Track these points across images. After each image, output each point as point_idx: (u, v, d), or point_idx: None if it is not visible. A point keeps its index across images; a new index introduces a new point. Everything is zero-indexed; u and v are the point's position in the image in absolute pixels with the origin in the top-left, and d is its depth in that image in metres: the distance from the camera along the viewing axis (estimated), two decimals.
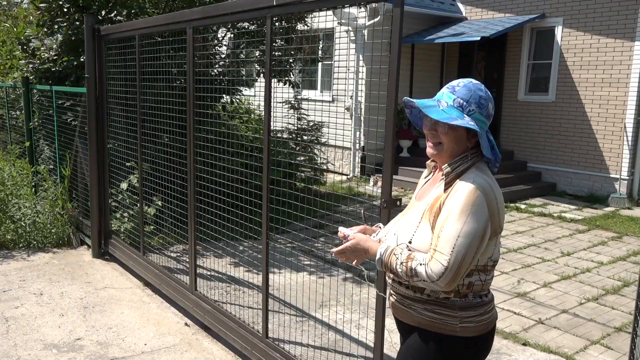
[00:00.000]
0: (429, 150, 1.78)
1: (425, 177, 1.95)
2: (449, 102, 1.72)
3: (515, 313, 4.52)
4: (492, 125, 8.79)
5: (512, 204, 8.71)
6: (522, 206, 8.62)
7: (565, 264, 5.85)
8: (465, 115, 1.69)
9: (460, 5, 11.18)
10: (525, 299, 4.83)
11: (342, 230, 1.93)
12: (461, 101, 1.71)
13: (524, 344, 3.97)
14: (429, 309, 1.74)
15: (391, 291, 1.89)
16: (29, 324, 3.93)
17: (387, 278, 1.88)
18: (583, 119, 9.45)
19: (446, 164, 1.74)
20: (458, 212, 1.61)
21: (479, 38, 9.11)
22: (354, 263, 1.92)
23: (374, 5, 9.03)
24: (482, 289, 1.74)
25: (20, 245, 5.68)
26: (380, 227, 2.02)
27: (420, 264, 1.63)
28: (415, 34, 10.62)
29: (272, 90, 2.99)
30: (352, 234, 1.87)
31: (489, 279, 1.75)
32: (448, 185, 1.71)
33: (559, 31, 9.61)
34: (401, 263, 1.67)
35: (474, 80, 1.76)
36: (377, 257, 1.75)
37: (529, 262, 5.89)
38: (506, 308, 4.62)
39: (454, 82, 1.76)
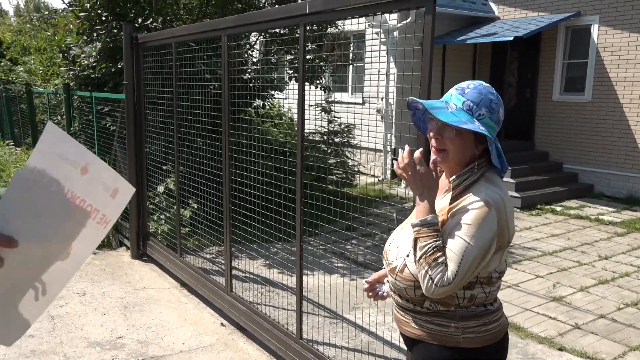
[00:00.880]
0: (433, 157, 1.65)
1: None
2: (457, 104, 1.61)
3: (550, 317, 4.46)
4: (526, 126, 8.60)
5: (547, 206, 8.56)
6: (558, 208, 8.46)
7: (603, 267, 5.73)
8: (475, 120, 1.59)
9: (493, 5, 11.05)
10: (561, 304, 4.76)
11: (366, 282, 1.96)
12: (471, 104, 1.60)
13: (560, 349, 3.92)
14: (429, 321, 1.66)
15: (394, 304, 1.80)
16: (73, 322, 4.09)
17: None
18: (621, 119, 9.21)
19: (454, 176, 1.65)
20: (467, 227, 1.53)
21: (511, 38, 8.99)
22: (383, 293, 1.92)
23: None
24: (485, 301, 1.65)
25: None
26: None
27: (444, 265, 1.53)
28: (446, 35, 10.55)
29: (306, 95, 3.05)
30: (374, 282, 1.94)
31: (495, 290, 1.67)
32: (456, 199, 1.61)
33: (595, 29, 9.40)
34: (435, 247, 1.55)
35: (484, 83, 1.66)
36: (429, 217, 1.57)
37: (565, 265, 5.79)
38: (541, 312, 4.56)
39: (464, 84, 1.65)
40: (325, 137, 8.55)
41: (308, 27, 2.98)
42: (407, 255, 1.66)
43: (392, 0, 2.35)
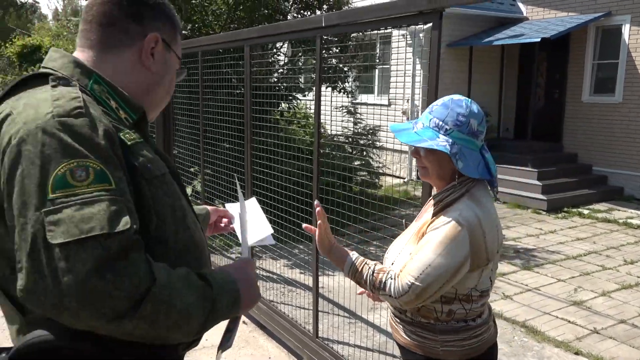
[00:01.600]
0: (420, 174, 1.73)
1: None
2: (425, 123, 1.64)
3: (569, 322, 4.48)
4: (554, 127, 8.48)
5: (574, 209, 8.48)
6: (585, 211, 8.37)
7: (628, 272, 5.68)
8: (440, 135, 1.60)
9: (521, 5, 10.95)
10: (581, 308, 4.76)
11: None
12: (437, 121, 1.62)
13: (576, 353, 3.94)
14: (412, 331, 1.70)
15: (389, 310, 1.86)
16: None
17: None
18: None
19: (436, 193, 1.68)
20: (436, 243, 1.55)
21: (538, 39, 8.92)
22: None
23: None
24: (466, 316, 1.66)
25: None
26: None
27: (391, 278, 1.60)
28: (473, 36, 10.52)
29: (322, 102, 3.17)
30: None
31: (477, 307, 1.66)
32: (436, 214, 1.63)
33: (626, 29, 9.24)
34: (372, 272, 1.64)
35: (455, 97, 1.65)
36: (348, 262, 1.69)
37: (589, 269, 5.76)
38: (560, 316, 4.57)
39: (436, 101, 1.67)
40: (350, 139, 8.66)
41: (325, 40, 3.11)
42: (392, 263, 1.73)
43: (402, 16, 2.45)
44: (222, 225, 1.76)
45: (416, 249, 1.60)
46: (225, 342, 1.25)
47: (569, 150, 10.20)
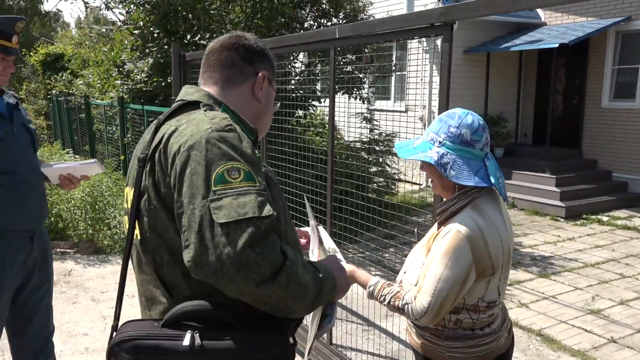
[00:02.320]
0: (432, 187, 1.82)
1: None
2: (424, 138, 1.73)
3: (586, 330, 4.44)
4: (573, 133, 8.42)
5: (593, 216, 8.38)
6: (605, 218, 8.27)
7: None
8: (433, 147, 1.67)
9: (539, 11, 10.89)
10: (599, 317, 4.72)
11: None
12: (432, 134, 1.70)
13: None
14: (421, 335, 1.79)
15: None
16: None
17: None
18: None
19: (440, 204, 1.75)
20: (441, 256, 1.60)
21: (556, 45, 8.86)
22: None
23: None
24: (473, 326, 1.71)
25: (116, 250, 6.28)
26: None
27: (407, 304, 1.66)
28: (490, 42, 10.49)
29: (339, 109, 3.22)
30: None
31: (485, 317, 1.71)
32: (440, 225, 1.70)
33: None
34: (390, 299, 1.71)
35: (452, 110, 1.72)
36: (368, 289, 1.78)
37: (607, 277, 5.70)
38: (577, 325, 4.54)
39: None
40: (366, 146, 8.69)
41: (339, 51, 3.16)
42: (405, 272, 1.80)
43: (413, 29, 2.50)
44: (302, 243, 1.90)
45: (426, 264, 1.67)
46: (326, 325, 1.47)
47: (589, 157, 10.09)
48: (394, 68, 9.49)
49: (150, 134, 1.34)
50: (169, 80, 6.55)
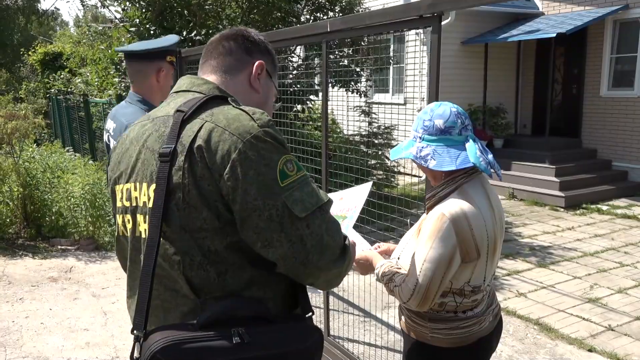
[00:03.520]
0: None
1: None
2: (410, 137, 1.83)
3: (583, 319, 4.46)
4: (572, 123, 8.45)
5: (592, 206, 8.39)
6: (604, 207, 8.28)
7: None
8: (415, 143, 1.77)
9: (537, 1, 10.86)
10: (597, 305, 4.74)
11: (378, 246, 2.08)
12: (413, 132, 1.80)
13: (590, 350, 3.94)
14: (408, 316, 1.86)
15: None
16: (123, 318, 4.44)
17: None
18: None
19: (429, 190, 1.82)
20: (426, 238, 1.67)
21: (554, 35, 8.84)
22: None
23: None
24: (456, 309, 1.77)
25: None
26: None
27: (396, 286, 1.74)
28: (488, 33, 10.46)
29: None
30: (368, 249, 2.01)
31: (468, 302, 1.76)
32: (428, 210, 1.78)
33: None
34: (386, 281, 1.80)
35: (428, 106, 1.80)
36: (375, 271, 1.87)
37: (606, 266, 5.72)
38: (575, 314, 4.56)
39: None
40: (365, 139, 8.70)
41: (332, 45, 3.17)
42: (398, 258, 1.86)
43: (402, 21, 2.51)
44: None
45: (414, 248, 1.73)
46: None
47: (588, 146, 10.09)
48: (391, 60, 9.48)
49: (170, 128, 1.26)
50: None
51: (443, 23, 2.39)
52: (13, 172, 6.44)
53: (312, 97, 7.69)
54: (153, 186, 1.24)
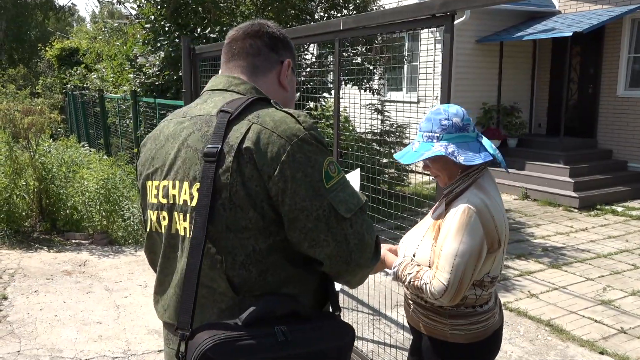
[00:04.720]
0: (438, 182, 1.95)
1: None
2: (420, 140, 1.85)
3: (595, 321, 4.43)
4: (588, 123, 8.37)
5: (607, 207, 8.30)
6: (619, 209, 8.18)
7: None
8: (434, 143, 1.80)
9: None
10: (609, 307, 4.70)
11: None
12: (427, 134, 1.82)
13: (601, 353, 3.91)
14: (425, 314, 1.87)
15: (405, 293, 2.02)
16: (135, 312, 4.49)
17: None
18: None
19: (445, 187, 1.86)
20: (454, 233, 1.70)
21: (570, 34, 8.75)
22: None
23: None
24: (475, 302, 1.82)
25: (129, 241, 6.39)
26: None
27: (425, 283, 1.74)
28: (503, 31, 10.38)
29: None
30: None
31: (485, 294, 1.82)
32: (447, 206, 1.80)
33: None
34: (410, 280, 1.80)
35: (434, 108, 1.86)
36: (393, 269, 1.88)
37: (619, 268, 5.66)
38: (587, 316, 4.52)
39: (421, 122, 1.90)
40: (377, 137, 8.68)
41: (345, 43, 3.17)
42: (414, 255, 1.86)
43: (415, 20, 2.50)
44: None
45: (439, 244, 1.75)
46: None
47: (604, 146, 9.97)
48: (405, 59, 9.44)
49: (215, 128, 1.26)
50: (181, 74, 6.60)
51: (457, 21, 2.39)
52: (29, 167, 6.54)
53: (325, 94, 7.69)
54: (197, 185, 1.24)
